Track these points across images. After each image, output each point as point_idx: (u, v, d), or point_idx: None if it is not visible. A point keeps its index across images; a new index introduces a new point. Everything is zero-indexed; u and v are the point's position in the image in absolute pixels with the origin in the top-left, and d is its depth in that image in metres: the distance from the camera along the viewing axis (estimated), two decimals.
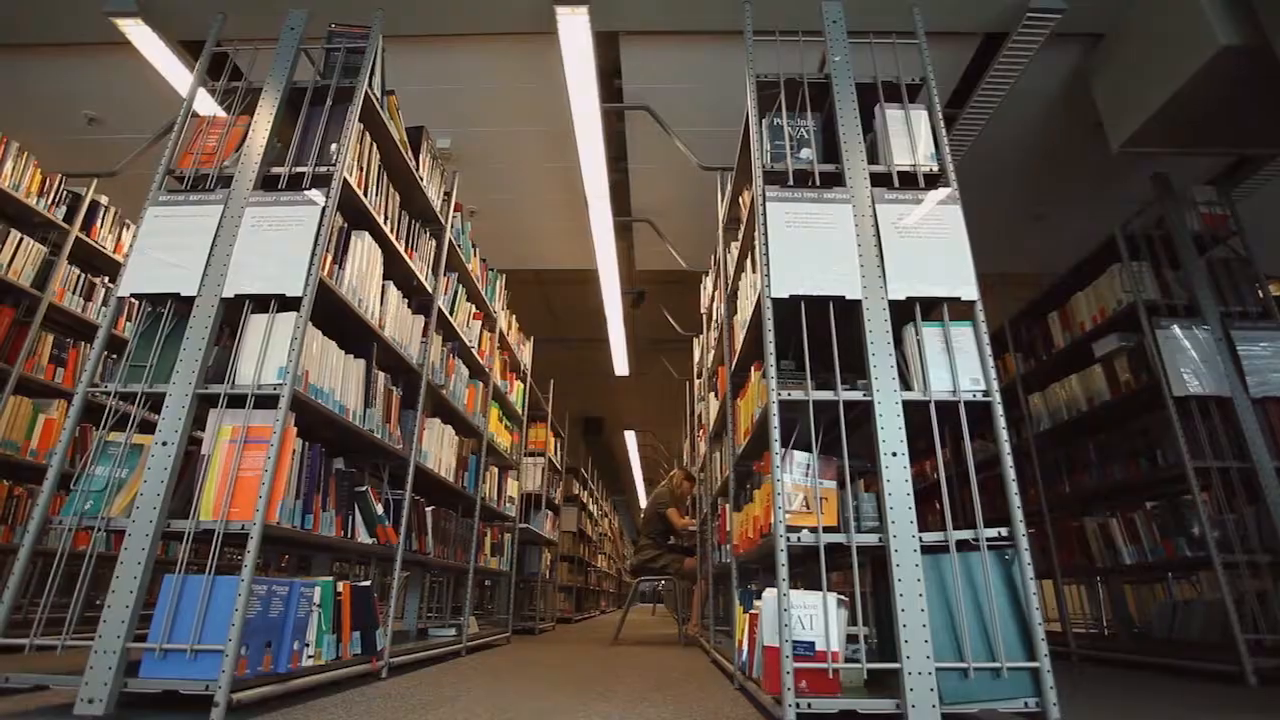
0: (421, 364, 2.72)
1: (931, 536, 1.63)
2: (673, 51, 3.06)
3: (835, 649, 1.55)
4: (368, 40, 2.28)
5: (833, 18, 2.24)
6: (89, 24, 3.00)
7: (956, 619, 1.57)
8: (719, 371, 3.21)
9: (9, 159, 2.81)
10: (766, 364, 1.79)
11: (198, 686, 1.54)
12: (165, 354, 1.89)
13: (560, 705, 1.86)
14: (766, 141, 2.12)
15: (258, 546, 1.66)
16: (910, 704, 1.47)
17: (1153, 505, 2.76)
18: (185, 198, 2.05)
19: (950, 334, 1.83)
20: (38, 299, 2.92)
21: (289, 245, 1.95)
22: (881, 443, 1.69)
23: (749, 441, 2.26)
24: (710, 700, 2.05)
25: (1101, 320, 3.04)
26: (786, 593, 1.58)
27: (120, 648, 1.55)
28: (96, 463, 1.80)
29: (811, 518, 1.72)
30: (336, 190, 2.04)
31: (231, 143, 2.17)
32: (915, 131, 2.08)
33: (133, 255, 1.97)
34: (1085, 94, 3.07)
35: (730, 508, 2.53)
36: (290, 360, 1.82)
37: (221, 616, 1.61)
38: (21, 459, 2.83)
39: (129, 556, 1.64)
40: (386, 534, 2.45)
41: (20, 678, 1.58)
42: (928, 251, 1.90)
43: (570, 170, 3.81)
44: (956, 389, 1.77)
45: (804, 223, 1.94)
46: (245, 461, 1.75)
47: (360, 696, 1.95)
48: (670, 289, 5.36)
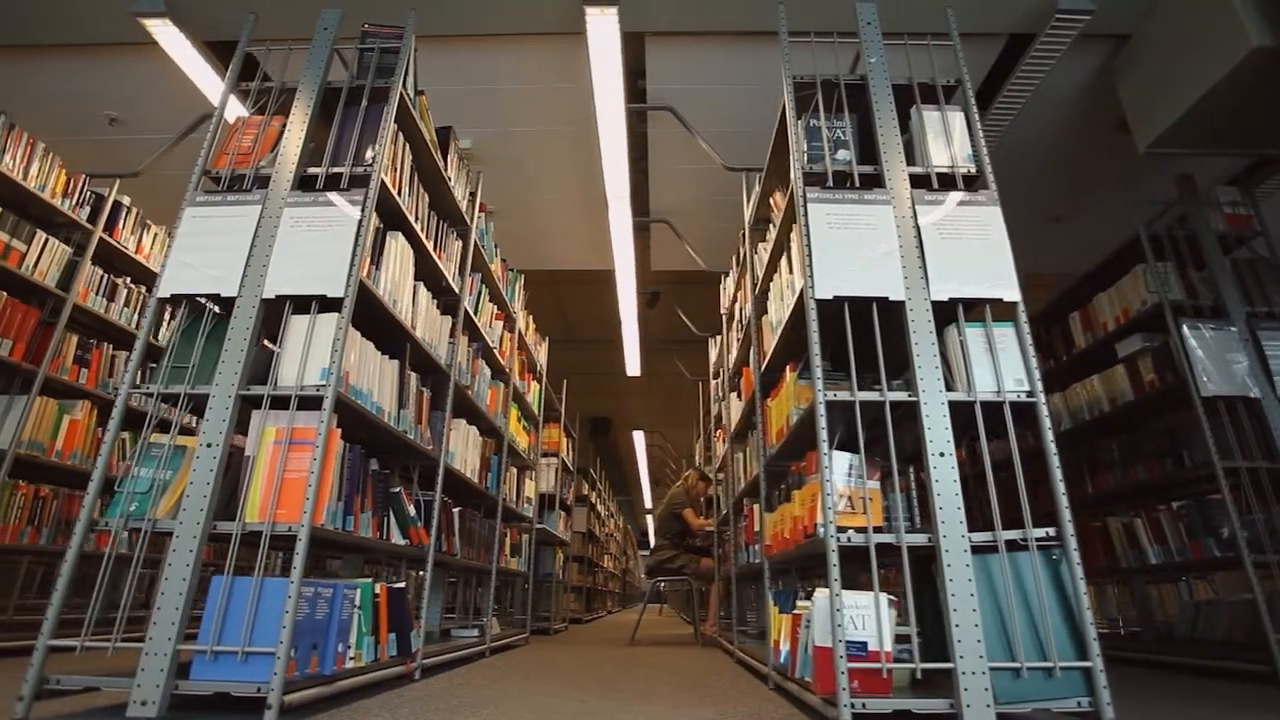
0: (449, 364, 2.72)
1: (980, 537, 1.64)
2: (697, 52, 3.06)
3: (888, 649, 1.56)
4: (402, 40, 2.28)
5: (867, 19, 2.25)
6: (112, 24, 2.99)
7: (1007, 619, 1.58)
8: (743, 372, 3.21)
9: (35, 160, 2.80)
10: (812, 365, 1.79)
11: (249, 688, 1.54)
12: (204, 355, 1.89)
13: (600, 707, 1.85)
14: (803, 142, 2.12)
15: (306, 548, 1.65)
16: (965, 704, 1.47)
17: (1179, 505, 2.77)
18: (223, 198, 2.04)
19: (993, 334, 1.84)
20: (62, 299, 2.91)
21: (329, 246, 1.94)
22: (929, 443, 1.70)
23: (784, 442, 2.26)
24: (748, 701, 2.05)
25: (1125, 320, 3.05)
26: (839, 593, 1.58)
27: (171, 650, 1.55)
28: (140, 464, 1.79)
29: (856, 518, 1.72)
30: (375, 191, 2.03)
31: (266, 143, 2.16)
32: (952, 133, 2.09)
33: (171, 256, 1.96)
34: (1108, 95, 3.08)
35: (761, 508, 2.53)
36: (334, 361, 1.82)
37: (270, 618, 1.60)
38: (47, 460, 2.81)
39: (177, 559, 1.63)
40: (419, 535, 2.45)
41: (71, 679, 1.58)
42: (969, 253, 1.91)
43: (589, 171, 3.81)
44: (1001, 389, 1.78)
45: (845, 224, 1.94)
46: (290, 463, 1.74)
47: (399, 699, 1.95)
48: (683, 289, 5.36)
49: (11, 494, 2.70)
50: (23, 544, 2.75)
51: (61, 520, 2.93)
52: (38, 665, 1.56)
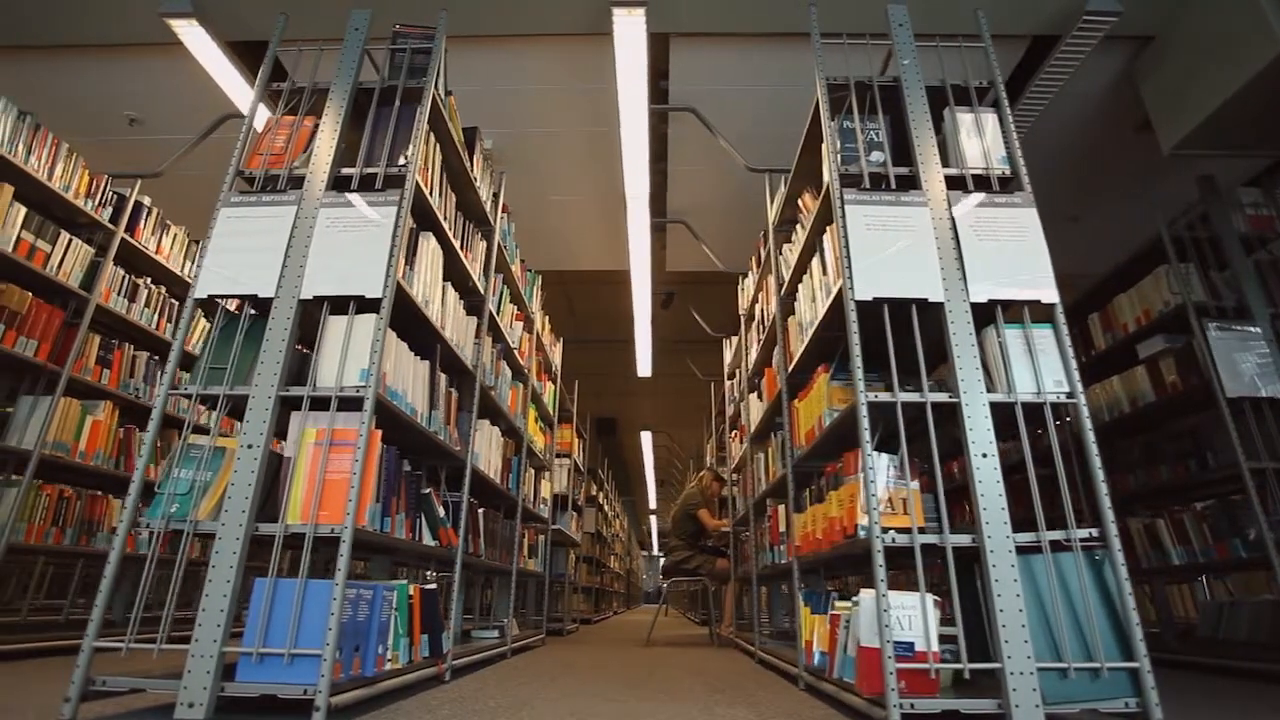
0: (475, 365, 2.72)
1: (1023, 537, 1.64)
2: (721, 53, 3.07)
3: (935, 649, 1.56)
4: (434, 40, 2.28)
5: (899, 20, 2.25)
6: (134, 24, 2.99)
7: (1051, 619, 1.58)
8: (765, 372, 3.21)
9: (60, 161, 2.79)
10: (853, 367, 1.79)
11: (296, 691, 1.53)
12: (241, 356, 1.88)
13: (637, 709, 1.85)
14: (836, 144, 2.13)
15: (350, 550, 1.65)
16: (1014, 704, 1.47)
17: (1203, 506, 2.78)
18: (257, 199, 2.04)
19: (1032, 335, 1.84)
20: (86, 300, 2.90)
21: (366, 246, 1.94)
22: (971, 444, 1.70)
23: (815, 443, 2.26)
24: (781, 702, 2.05)
25: (1147, 322, 3.06)
26: (885, 593, 1.58)
27: (217, 652, 1.54)
28: (180, 465, 1.78)
29: (897, 518, 1.73)
30: (410, 192, 2.03)
31: (299, 144, 2.16)
32: (985, 134, 2.10)
33: (208, 256, 1.96)
34: (1128, 96, 3.09)
35: (790, 508, 2.53)
36: (373, 362, 1.82)
37: (315, 620, 1.60)
38: (71, 461, 2.81)
39: (220, 560, 1.63)
40: (448, 536, 2.45)
41: (117, 680, 1.58)
42: (1006, 254, 1.91)
43: (608, 172, 3.81)
44: (1041, 390, 1.78)
45: (883, 225, 1.94)
46: (331, 464, 1.74)
47: (436, 700, 1.95)
48: (696, 290, 5.37)
49: (36, 495, 2.70)
50: (47, 544, 2.74)
51: (84, 521, 2.92)
52: (84, 666, 1.56)
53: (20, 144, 2.62)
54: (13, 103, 2.58)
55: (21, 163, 2.60)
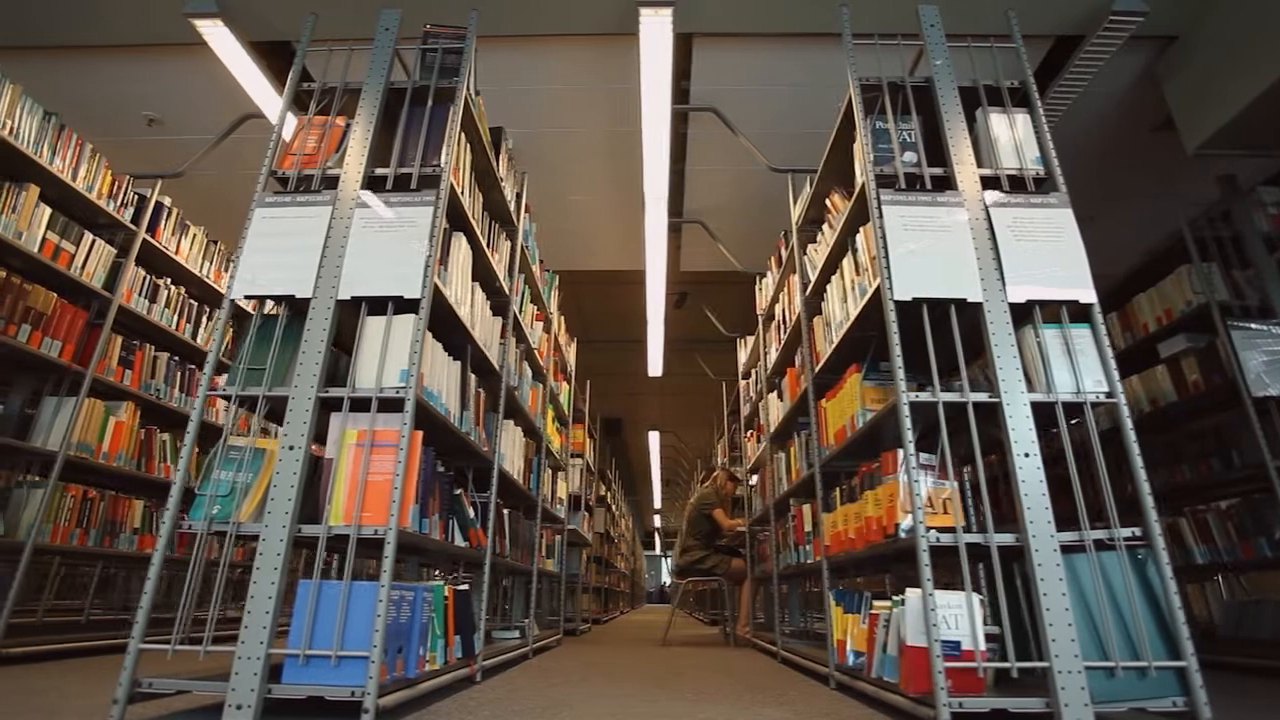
0: (502, 366, 2.71)
1: (1066, 536, 1.65)
2: (743, 53, 3.07)
3: (982, 648, 1.56)
4: (465, 40, 2.27)
5: (930, 21, 2.25)
6: (154, 25, 2.98)
7: (1097, 618, 1.59)
8: (787, 372, 3.22)
9: (84, 162, 2.78)
10: (894, 367, 1.80)
11: (343, 692, 1.53)
12: (277, 357, 1.88)
13: (672, 708, 1.86)
14: (869, 144, 2.13)
15: (394, 551, 1.65)
16: (1063, 703, 1.47)
17: (1228, 505, 2.79)
18: (292, 199, 2.03)
19: (1070, 335, 1.85)
20: (108, 301, 2.89)
21: (403, 247, 1.94)
22: (1013, 444, 1.70)
23: (847, 443, 2.27)
24: (816, 701, 2.05)
25: (1168, 321, 3.07)
26: (932, 593, 1.59)
27: (264, 654, 1.54)
28: (220, 467, 1.78)
29: (936, 518, 1.73)
30: (446, 191, 2.03)
31: (331, 144, 2.15)
32: (1019, 135, 2.10)
33: (244, 257, 1.95)
34: (1149, 96, 3.09)
35: (819, 508, 2.53)
36: (413, 363, 1.82)
37: (360, 622, 1.60)
38: (95, 462, 2.80)
39: (264, 563, 1.62)
40: (478, 537, 2.45)
41: (164, 683, 1.57)
42: (1043, 254, 1.92)
43: (626, 172, 3.81)
44: (1080, 389, 1.79)
45: (920, 226, 1.95)
46: (373, 466, 1.74)
47: (473, 701, 1.95)
48: (708, 289, 5.37)
49: (61, 496, 2.69)
50: (71, 545, 2.73)
51: (108, 522, 2.91)
52: (130, 668, 1.56)
53: (45, 145, 2.61)
54: (38, 103, 2.57)
55: (46, 163, 2.59)
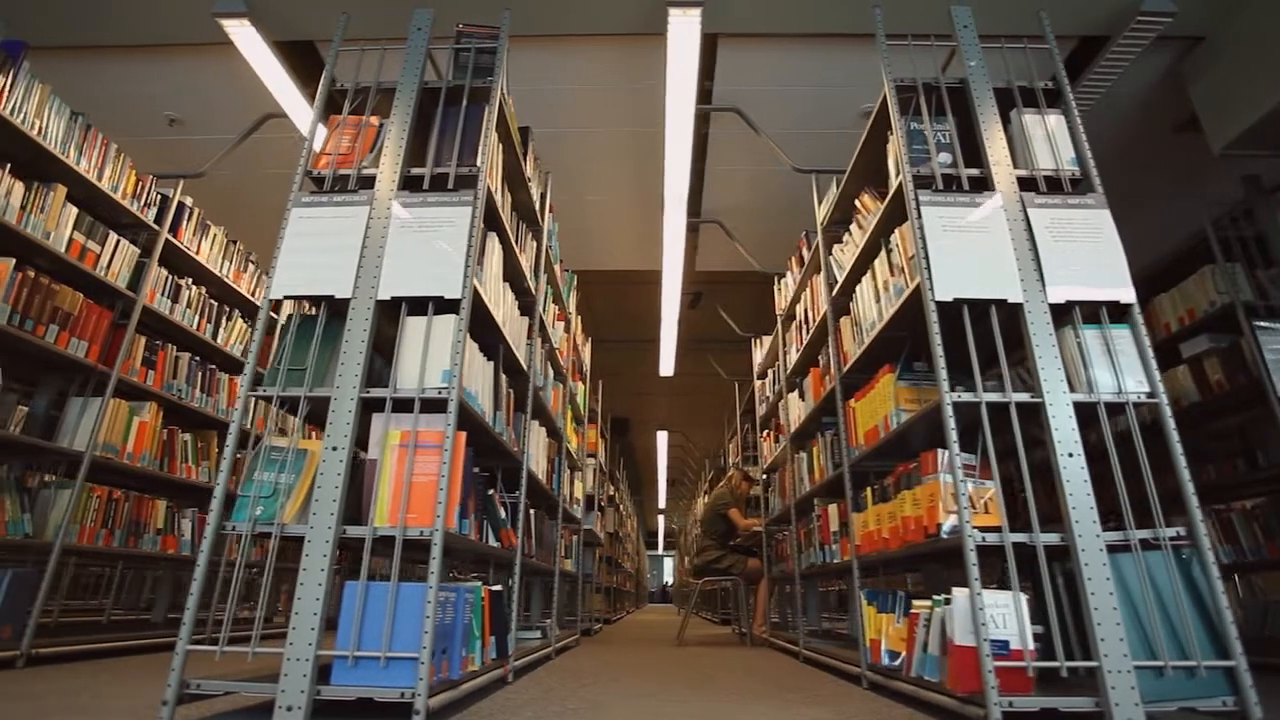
0: (529, 366, 2.71)
1: (1111, 536, 1.65)
2: (768, 54, 3.07)
3: (1030, 647, 1.57)
4: (498, 40, 2.27)
5: (963, 22, 2.26)
6: (177, 25, 2.98)
7: (1144, 617, 1.59)
8: (810, 372, 3.22)
9: (109, 162, 2.77)
10: (936, 368, 1.80)
11: (393, 694, 1.53)
12: (316, 357, 1.88)
13: (715, 707, 1.86)
14: (903, 145, 2.13)
15: (441, 553, 1.65)
16: (1114, 702, 1.48)
17: (1253, 505, 2.80)
18: (329, 199, 2.03)
19: (1110, 336, 1.85)
20: (132, 301, 2.88)
21: (442, 246, 1.93)
22: (1057, 444, 1.71)
23: (881, 443, 2.27)
24: (852, 701, 2.06)
25: (1190, 321, 3.08)
26: (980, 592, 1.59)
27: (312, 655, 1.54)
28: (262, 468, 1.77)
29: (979, 518, 1.74)
30: (483, 191, 2.03)
31: (366, 144, 2.15)
32: (1054, 136, 2.11)
33: (281, 256, 1.94)
34: (1171, 96, 3.10)
35: (848, 507, 2.53)
36: (454, 364, 1.81)
37: (407, 623, 1.60)
38: (120, 462, 2.79)
39: (311, 564, 1.62)
40: (509, 537, 2.45)
41: (212, 684, 1.57)
42: (1082, 255, 1.92)
43: (645, 172, 3.80)
44: (1122, 390, 1.79)
45: (959, 227, 1.95)
46: (417, 466, 1.74)
47: (511, 701, 1.95)
48: (722, 289, 5.37)
49: (87, 497, 2.68)
50: (97, 546, 2.73)
51: (132, 522, 2.91)
52: (178, 669, 1.55)
53: (72, 145, 2.60)
54: (65, 104, 2.56)
55: (73, 164, 2.58)
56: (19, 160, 2.42)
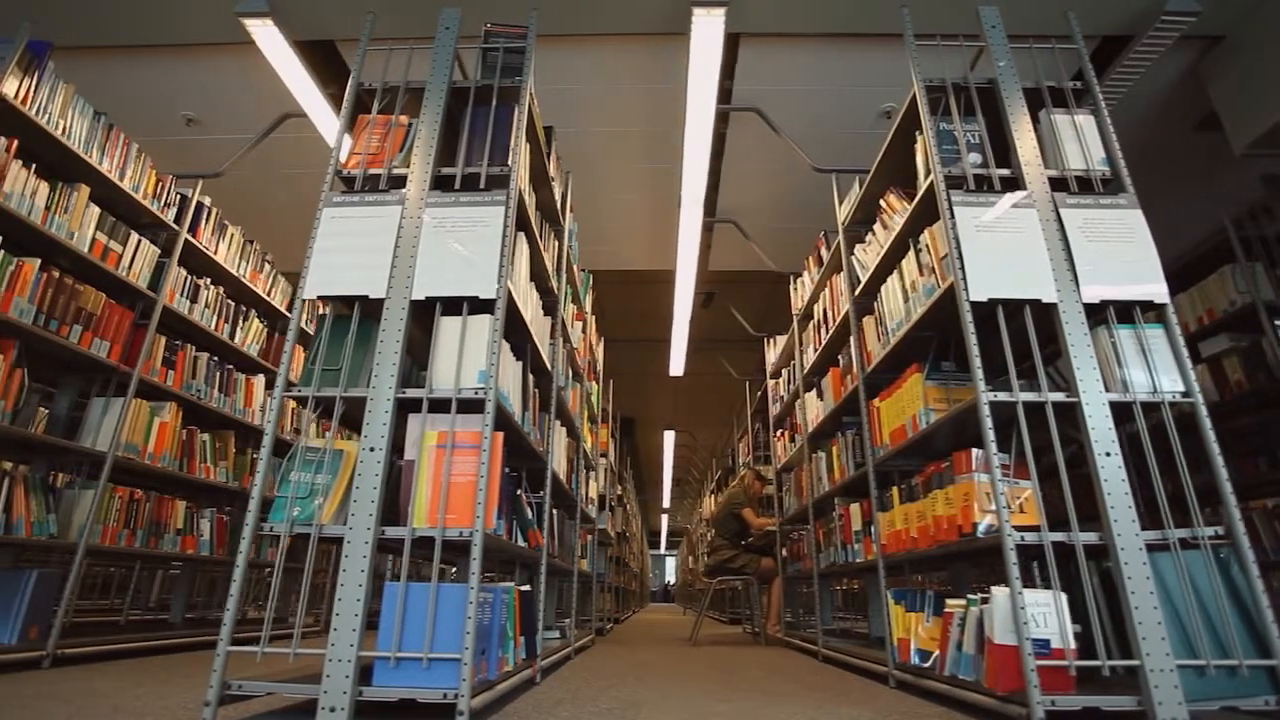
0: (553, 366, 2.71)
1: (1149, 535, 1.66)
2: (789, 54, 3.07)
3: (1071, 646, 1.57)
4: (526, 40, 2.27)
5: (991, 22, 2.26)
6: (196, 24, 2.97)
7: (1184, 616, 1.60)
8: (830, 372, 3.22)
9: (130, 162, 2.76)
10: (972, 368, 1.80)
11: (435, 694, 1.53)
12: (341, 357, 1.87)
13: (746, 708, 1.86)
14: (934, 146, 2.13)
15: (482, 554, 1.65)
16: (1157, 701, 1.48)
17: (1275, 504, 2.81)
18: (360, 198, 2.02)
19: (1145, 336, 1.86)
20: (153, 301, 2.87)
21: (476, 246, 1.93)
22: (1094, 444, 1.71)
23: (909, 442, 2.27)
24: (882, 700, 2.06)
25: (1210, 321, 3.09)
26: (1021, 591, 1.59)
27: (354, 655, 1.54)
28: (299, 469, 1.77)
29: (1016, 517, 1.74)
30: (516, 191, 2.03)
31: (395, 143, 2.14)
32: (1084, 136, 2.11)
33: (314, 256, 1.94)
34: (1190, 95, 3.10)
35: (873, 507, 2.54)
36: (490, 364, 1.81)
37: (448, 624, 1.60)
38: (141, 463, 2.78)
39: (351, 565, 1.62)
40: (536, 537, 2.45)
41: (253, 685, 1.56)
42: (1116, 255, 1.92)
43: (663, 172, 3.80)
44: (1158, 389, 1.80)
45: (992, 227, 1.95)
46: (456, 467, 1.73)
47: (546, 702, 1.95)
48: (733, 289, 5.38)
49: (110, 497, 2.67)
50: (120, 546, 2.72)
51: (153, 522, 2.90)
52: (220, 670, 1.55)
53: (95, 145, 2.59)
54: (89, 104, 2.55)
55: (96, 163, 2.58)
56: (44, 160, 2.42)
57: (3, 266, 2.22)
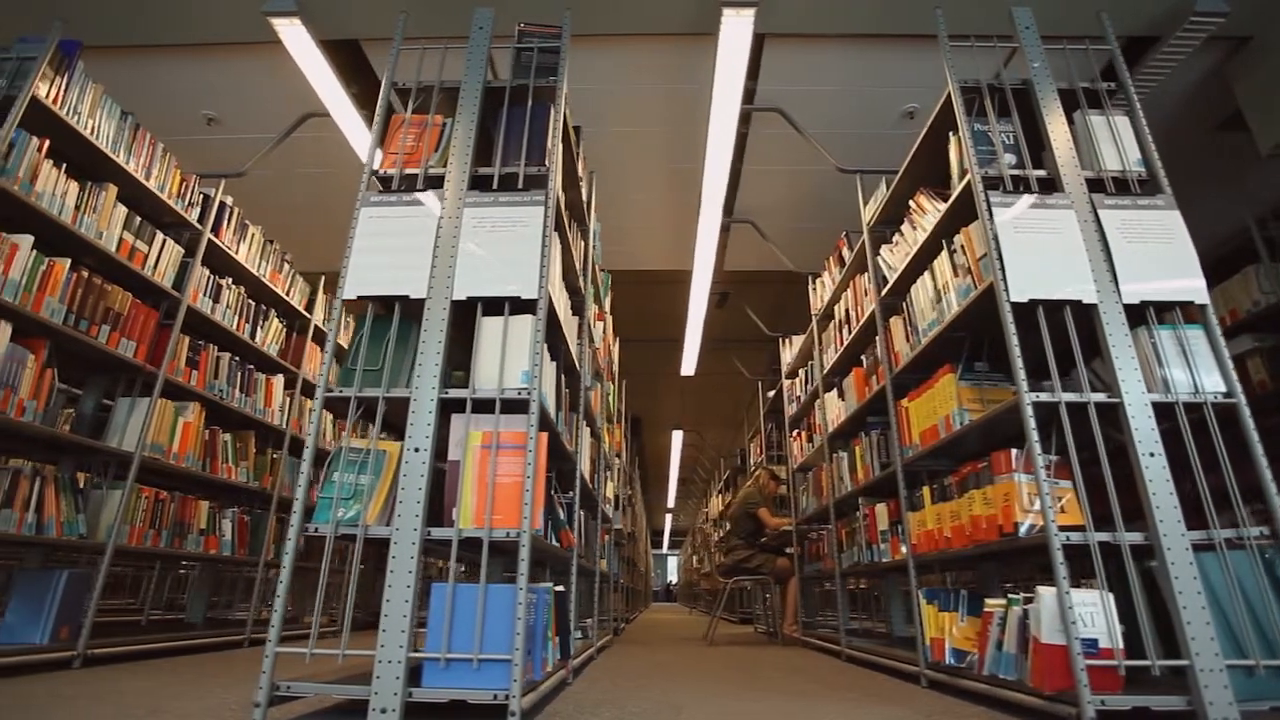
0: (580, 365, 2.71)
1: (1194, 535, 1.66)
2: (813, 54, 3.07)
3: (1120, 646, 1.58)
4: (560, 40, 2.26)
5: (1024, 23, 2.26)
6: (219, 24, 2.96)
7: (1230, 616, 1.60)
8: (853, 372, 3.22)
9: (156, 162, 2.75)
10: (1014, 369, 1.80)
11: (486, 695, 1.53)
12: (382, 357, 1.87)
13: (786, 708, 1.87)
14: (969, 147, 2.13)
15: (530, 554, 1.65)
16: (1207, 701, 1.49)
17: None
18: (398, 198, 2.02)
19: (1185, 336, 1.86)
20: (178, 301, 2.87)
21: (516, 247, 1.93)
22: (1137, 444, 1.72)
23: (942, 442, 2.27)
24: (918, 699, 2.06)
25: (1233, 321, 3.10)
26: (1069, 590, 1.60)
27: (404, 657, 1.53)
28: (342, 469, 1.76)
29: (1059, 517, 1.74)
30: (554, 192, 2.02)
31: (431, 143, 2.14)
32: (1120, 137, 2.11)
33: (352, 256, 1.94)
34: (1213, 95, 3.10)
35: (902, 506, 2.54)
36: (534, 364, 1.81)
37: (497, 625, 1.60)
38: (166, 463, 2.77)
39: (398, 566, 1.62)
40: (568, 538, 2.45)
41: (301, 686, 1.56)
42: (1154, 256, 1.93)
43: (681, 172, 3.80)
44: (1200, 390, 1.80)
45: (1031, 228, 1.96)
46: (501, 468, 1.73)
47: (587, 702, 1.94)
48: (744, 289, 5.38)
49: (136, 498, 2.66)
50: (146, 546, 2.71)
51: (177, 523, 2.89)
52: (269, 672, 1.54)
53: (122, 145, 2.58)
54: (116, 104, 2.54)
55: (123, 163, 2.57)
56: (73, 160, 2.41)
57: (35, 267, 2.21)
